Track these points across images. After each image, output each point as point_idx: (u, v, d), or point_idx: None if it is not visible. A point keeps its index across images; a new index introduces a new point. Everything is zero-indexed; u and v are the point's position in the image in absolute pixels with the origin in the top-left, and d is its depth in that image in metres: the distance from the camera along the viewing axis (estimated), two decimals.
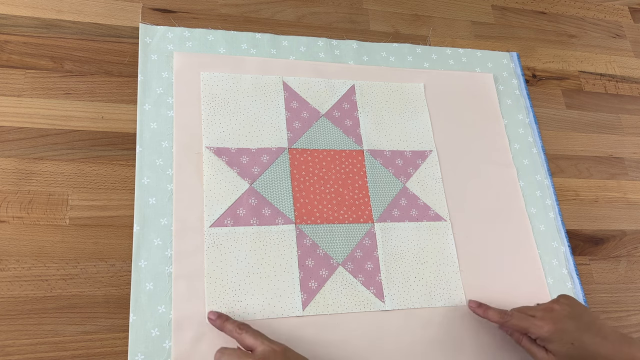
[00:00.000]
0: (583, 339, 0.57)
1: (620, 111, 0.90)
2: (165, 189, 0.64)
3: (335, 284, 0.64)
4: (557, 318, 0.58)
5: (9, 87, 0.64)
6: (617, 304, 0.75)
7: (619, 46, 0.97)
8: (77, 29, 0.70)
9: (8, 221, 0.59)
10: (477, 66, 0.84)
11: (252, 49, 0.74)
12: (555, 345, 0.57)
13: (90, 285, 0.58)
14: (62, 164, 0.63)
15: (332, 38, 0.79)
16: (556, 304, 0.60)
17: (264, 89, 0.72)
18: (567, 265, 0.74)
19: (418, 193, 0.72)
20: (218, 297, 0.60)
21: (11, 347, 0.54)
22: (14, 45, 0.67)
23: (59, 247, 0.59)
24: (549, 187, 0.78)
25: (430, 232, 0.70)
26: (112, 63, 0.69)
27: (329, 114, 0.73)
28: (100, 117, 0.66)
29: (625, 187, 0.84)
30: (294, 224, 0.66)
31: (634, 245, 0.80)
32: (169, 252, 0.61)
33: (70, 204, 0.61)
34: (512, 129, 0.81)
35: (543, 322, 0.58)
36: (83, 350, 0.56)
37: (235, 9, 0.78)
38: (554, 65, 0.91)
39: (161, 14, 0.74)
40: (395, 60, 0.80)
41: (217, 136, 0.68)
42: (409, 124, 0.76)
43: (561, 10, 0.97)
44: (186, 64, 0.70)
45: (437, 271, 0.68)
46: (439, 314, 0.66)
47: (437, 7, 0.89)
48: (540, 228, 0.75)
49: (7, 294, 0.56)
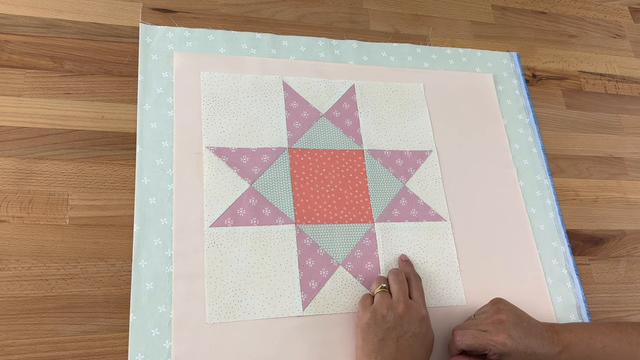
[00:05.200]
0: (531, 344, 0.57)
1: (620, 111, 0.90)
2: (165, 188, 0.64)
3: (335, 284, 0.64)
4: (508, 329, 0.57)
5: (9, 87, 0.64)
6: (616, 304, 0.75)
7: (619, 46, 0.97)
8: (77, 28, 0.70)
9: (8, 221, 0.59)
10: (477, 66, 0.84)
11: (252, 49, 0.74)
12: (513, 357, 0.57)
13: (90, 285, 0.58)
14: (62, 163, 0.63)
15: (332, 38, 0.79)
16: (502, 314, 0.58)
17: (264, 89, 0.72)
18: (567, 265, 0.74)
19: (418, 193, 0.72)
20: (218, 297, 0.60)
21: (11, 347, 0.54)
22: (14, 45, 0.67)
23: (59, 246, 0.59)
24: (549, 187, 0.78)
25: (430, 232, 0.70)
26: (112, 63, 0.69)
27: (329, 113, 0.73)
28: (100, 117, 0.66)
29: (625, 187, 0.84)
30: (294, 223, 0.66)
31: (633, 245, 0.80)
32: (169, 252, 0.61)
33: (70, 204, 0.61)
34: (512, 129, 0.81)
35: (499, 336, 0.56)
36: (83, 350, 0.56)
37: (235, 8, 0.78)
38: (554, 65, 0.91)
39: (161, 14, 0.74)
40: (395, 60, 0.80)
41: (217, 136, 0.68)
42: (409, 124, 0.76)
43: (561, 10, 0.97)
44: (186, 63, 0.70)
45: (437, 271, 0.68)
46: (439, 314, 0.66)
47: (437, 7, 0.89)
48: (540, 228, 0.75)
49: (7, 294, 0.56)
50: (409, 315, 0.58)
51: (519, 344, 0.56)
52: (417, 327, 0.58)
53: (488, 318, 0.59)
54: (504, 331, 0.57)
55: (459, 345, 0.59)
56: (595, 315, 0.73)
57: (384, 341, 0.56)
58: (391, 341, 0.56)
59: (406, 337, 0.56)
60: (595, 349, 0.58)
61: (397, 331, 0.56)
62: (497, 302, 0.61)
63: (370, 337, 0.56)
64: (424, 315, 0.59)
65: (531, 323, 0.59)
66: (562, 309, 0.71)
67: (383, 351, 0.55)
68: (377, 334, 0.56)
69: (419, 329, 0.58)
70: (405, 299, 0.59)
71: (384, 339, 0.56)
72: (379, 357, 0.55)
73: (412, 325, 0.57)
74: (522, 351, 0.56)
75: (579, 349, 0.58)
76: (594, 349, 0.58)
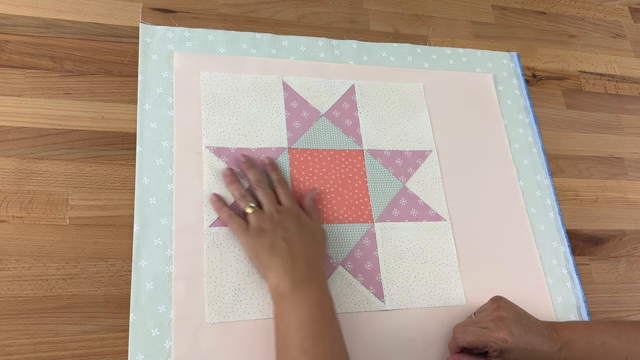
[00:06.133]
0: (531, 341, 0.57)
1: (620, 111, 0.90)
2: (165, 188, 0.64)
3: (335, 284, 0.64)
4: (509, 326, 0.57)
5: (9, 87, 0.64)
6: (617, 304, 0.75)
7: (619, 46, 0.97)
8: (77, 28, 0.70)
9: (8, 221, 0.59)
10: (477, 66, 0.84)
11: (252, 49, 0.74)
12: (513, 354, 0.57)
13: (90, 285, 0.58)
14: (62, 163, 0.63)
15: (332, 38, 0.79)
16: (502, 311, 0.59)
17: (264, 88, 0.72)
18: (567, 265, 0.74)
19: (418, 193, 0.72)
20: (218, 296, 0.60)
21: (11, 347, 0.54)
22: (14, 45, 0.67)
23: (59, 246, 0.59)
24: (549, 187, 0.78)
25: (430, 232, 0.70)
26: (112, 63, 0.69)
27: (329, 113, 0.73)
28: (100, 117, 0.66)
29: (625, 187, 0.84)
30: None
31: (633, 245, 0.80)
32: (169, 252, 0.61)
33: (70, 204, 0.61)
34: (512, 129, 0.81)
35: (499, 333, 0.57)
36: (83, 350, 0.56)
37: (235, 8, 0.78)
38: (554, 65, 0.91)
39: (161, 14, 0.74)
40: (395, 60, 0.80)
41: (217, 136, 0.68)
42: (408, 124, 0.76)
43: (561, 10, 0.97)
44: (186, 63, 0.70)
45: (437, 271, 0.68)
46: (439, 314, 0.66)
47: (437, 7, 0.89)
48: (540, 228, 0.75)
49: (7, 294, 0.56)
50: (284, 219, 0.60)
51: (519, 340, 0.57)
52: (296, 224, 0.60)
53: (488, 315, 0.60)
54: (505, 328, 0.57)
55: (460, 343, 0.59)
56: (595, 315, 0.73)
57: (273, 246, 0.58)
58: (279, 241, 0.58)
59: (289, 233, 0.59)
60: (594, 346, 0.58)
61: (280, 233, 0.59)
62: (497, 300, 0.62)
63: (260, 251, 0.58)
64: (296, 213, 0.62)
65: (531, 320, 0.59)
66: (562, 308, 0.71)
67: (277, 253, 0.57)
68: (263, 245, 0.58)
69: (298, 226, 0.60)
70: (275, 208, 0.61)
71: (272, 245, 0.58)
72: (275, 259, 0.57)
73: (291, 224, 0.60)
74: (522, 348, 0.57)
75: (578, 346, 0.58)
76: (593, 346, 0.58)
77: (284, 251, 0.57)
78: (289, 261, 0.57)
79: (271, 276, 0.57)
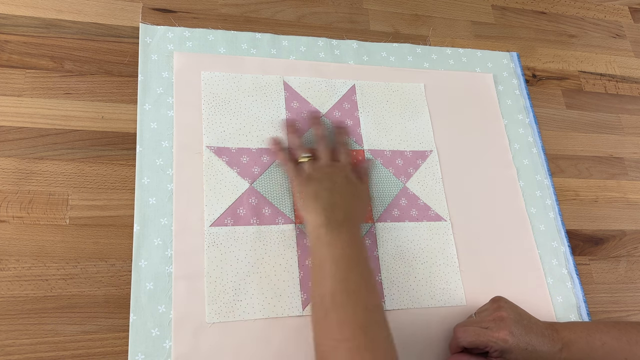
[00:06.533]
0: (532, 341, 0.57)
1: (620, 111, 0.90)
2: (165, 188, 0.64)
3: None
4: (509, 326, 0.57)
5: (9, 87, 0.64)
6: (617, 304, 0.75)
7: (619, 46, 0.97)
8: (77, 28, 0.70)
9: (8, 221, 0.59)
10: (477, 66, 0.84)
11: (252, 49, 0.74)
12: (514, 354, 0.57)
13: (90, 285, 0.58)
14: (62, 163, 0.63)
15: (332, 38, 0.79)
16: (502, 311, 0.59)
17: (264, 88, 0.72)
18: (567, 265, 0.74)
19: (418, 193, 0.72)
20: (218, 296, 0.60)
21: (11, 347, 0.54)
22: (14, 45, 0.67)
23: (59, 247, 0.59)
24: (549, 187, 0.78)
25: (430, 232, 0.70)
26: (112, 63, 0.69)
27: (329, 113, 0.73)
28: (100, 117, 0.66)
29: (625, 187, 0.84)
30: (294, 223, 0.66)
31: (633, 245, 0.80)
32: (169, 252, 0.61)
33: (71, 204, 0.61)
34: (512, 129, 0.81)
35: (500, 333, 0.57)
36: (83, 350, 0.56)
37: (235, 8, 0.78)
38: (554, 65, 0.91)
39: (161, 14, 0.74)
40: (395, 60, 0.80)
41: (218, 136, 0.68)
42: (409, 124, 0.76)
43: (561, 10, 0.97)
44: (186, 63, 0.70)
45: (437, 271, 0.68)
46: (439, 314, 0.66)
47: (437, 7, 0.89)
48: (540, 228, 0.75)
49: (7, 294, 0.56)
50: (334, 173, 0.63)
51: (520, 340, 0.57)
52: (344, 181, 0.63)
53: (489, 315, 0.60)
54: (505, 328, 0.57)
55: (461, 343, 0.59)
56: (596, 315, 0.73)
57: (318, 192, 0.61)
58: (324, 191, 0.61)
59: (336, 185, 0.62)
60: (594, 346, 0.58)
61: (326, 184, 0.62)
62: (497, 300, 0.62)
63: (305, 195, 0.62)
64: (347, 173, 0.64)
65: (532, 321, 0.59)
66: (562, 309, 0.71)
67: (319, 199, 0.60)
68: (309, 191, 0.62)
69: (346, 183, 0.63)
70: (329, 162, 0.65)
71: (317, 192, 0.61)
72: (317, 204, 0.60)
73: (339, 179, 0.63)
74: (523, 348, 0.57)
75: (578, 346, 0.58)
76: (593, 346, 0.58)
77: (326, 199, 0.60)
78: (329, 208, 0.59)
79: (310, 219, 0.60)
